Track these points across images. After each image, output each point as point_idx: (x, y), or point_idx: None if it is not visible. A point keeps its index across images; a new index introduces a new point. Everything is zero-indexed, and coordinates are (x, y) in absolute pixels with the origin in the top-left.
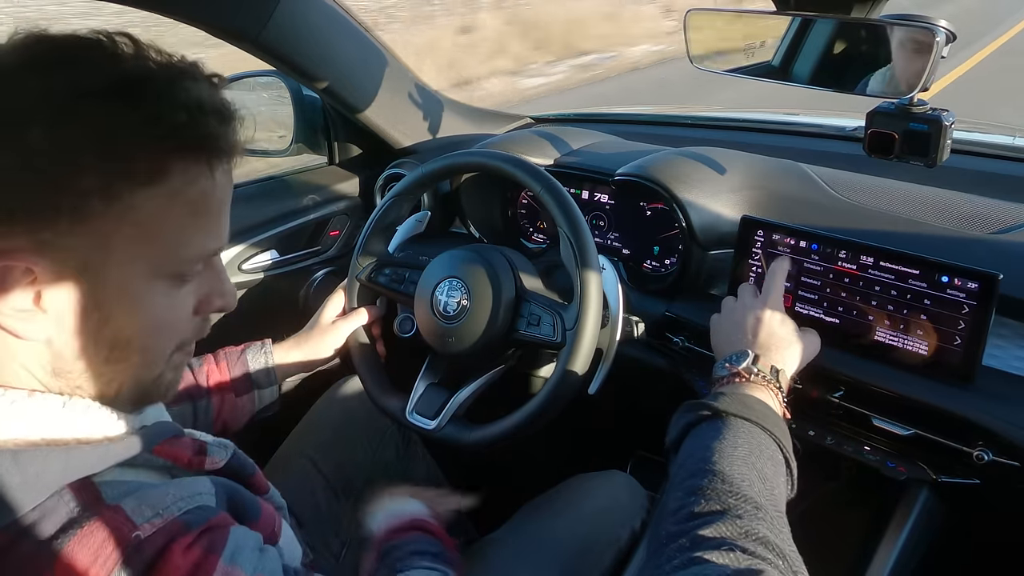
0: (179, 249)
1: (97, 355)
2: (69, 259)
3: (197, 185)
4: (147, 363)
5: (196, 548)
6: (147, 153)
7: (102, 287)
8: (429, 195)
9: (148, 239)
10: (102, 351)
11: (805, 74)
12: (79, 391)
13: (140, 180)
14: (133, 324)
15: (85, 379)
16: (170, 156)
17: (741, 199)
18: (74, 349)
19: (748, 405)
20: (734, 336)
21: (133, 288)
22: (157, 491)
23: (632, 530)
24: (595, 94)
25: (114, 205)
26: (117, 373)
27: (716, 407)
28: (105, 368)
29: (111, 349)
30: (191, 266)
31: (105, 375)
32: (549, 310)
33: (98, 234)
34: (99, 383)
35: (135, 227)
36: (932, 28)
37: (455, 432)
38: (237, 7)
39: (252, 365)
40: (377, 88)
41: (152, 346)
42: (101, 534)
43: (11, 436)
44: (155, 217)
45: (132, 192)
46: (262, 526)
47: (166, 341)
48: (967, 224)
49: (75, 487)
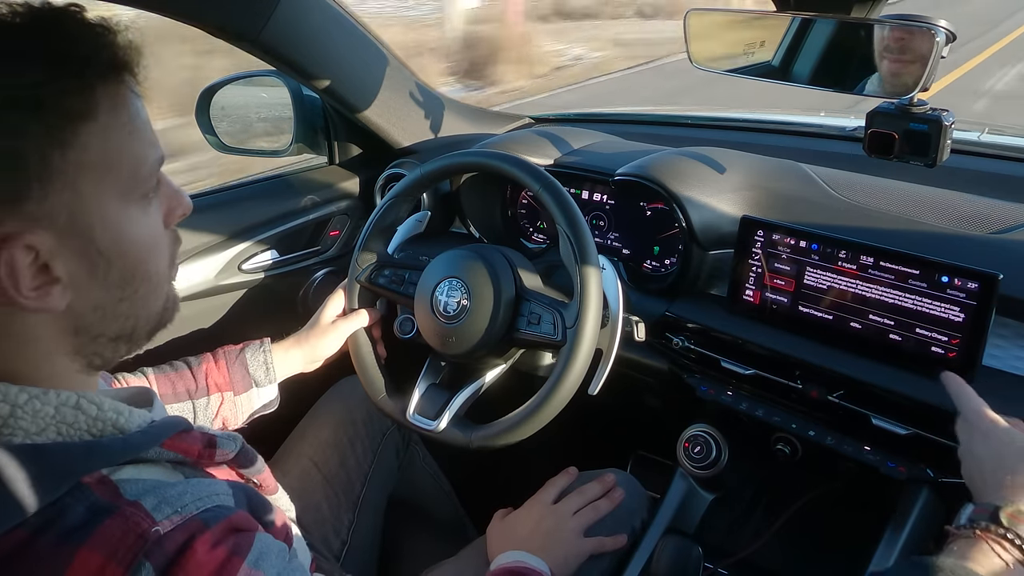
0: (136, 169)
1: (111, 298)
2: (56, 220)
3: (124, 104)
4: (153, 288)
5: (221, 548)
6: (73, 92)
7: (94, 233)
8: (429, 195)
9: (109, 170)
10: (115, 292)
11: (805, 74)
12: (99, 340)
13: (78, 119)
14: (131, 255)
15: (104, 325)
16: (93, 86)
17: (741, 199)
18: (92, 302)
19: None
20: (1006, 474)
21: (117, 222)
22: (176, 489)
23: (632, 530)
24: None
25: (68, 153)
26: (131, 309)
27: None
28: (119, 308)
29: (122, 288)
30: (149, 182)
31: (120, 315)
32: (549, 308)
33: (68, 186)
34: (116, 325)
35: (94, 165)
36: (932, 28)
37: (456, 432)
38: (237, 7)
39: (251, 364)
40: (377, 88)
41: (153, 270)
42: (121, 528)
43: (29, 431)
44: (106, 147)
45: (76, 134)
46: (276, 531)
47: (160, 260)
48: (967, 224)
49: (94, 483)
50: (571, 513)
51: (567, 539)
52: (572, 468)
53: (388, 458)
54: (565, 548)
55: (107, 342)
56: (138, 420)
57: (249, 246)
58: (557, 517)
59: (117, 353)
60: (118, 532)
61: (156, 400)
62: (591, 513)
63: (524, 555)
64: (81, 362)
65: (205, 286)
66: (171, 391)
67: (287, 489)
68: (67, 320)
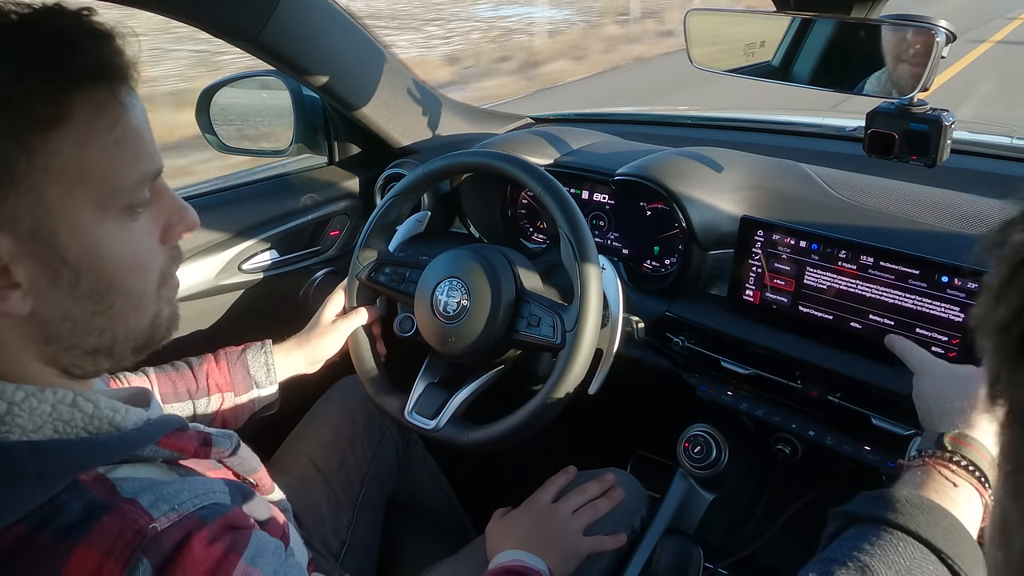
0: (115, 180)
1: (82, 311)
2: (18, 226)
3: (107, 113)
4: (134, 306)
5: (218, 545)
6: (43, 97)
7: (60, 241)
8: (429, 195)
9: (81, 180)
10: (86, 306)
11: (805, 74)
12: (74, 351)
13: (48, 125)
14: (105, 269)
15: (77, 337)
16: (68, 93)
17: (741, 199)
18: (59, 312)
19: (933, 520)
20: (947, 402)
21: (88, 233)
22: (172, 487)
23: (632, 529)
24: None
25: (35, 159)
26: (107, 324)
27: (887, 518)
28: (93, 322)
29: (94, 301)
30: (134, 195)
31: (95, 329)
32: (549, 311)
33: (33, 192)
34: (91, 338)
35: (63, 172)
36: (932, 28)
37: (454, 432)
38: (237, 7)
39: (252, 365)
40: (377, 87)
41: (132, 287)
42: (118, 525)
43: (26, 428)
44: (78, 156)
45: (45, 140)
46: (272, 529)
47: (144, 278)
48: (967, 224)
49: (91, 481)
50: (570, 512)
51: (566, 538)
52: (571, 467)
53: (387, 458)
54: (564, 547)
55: (84, 355)
56: (134, 418)
57: (249, 246)
58: (556, 516)
59: (99, 367)
60: (115, 529)
61: (153, 400)
62: (590, 512)
63: (523, 554)
64: (56, 370)
65: (205, 286)
66: (172, 390)
67: (286, 489)
68: (33, 327)
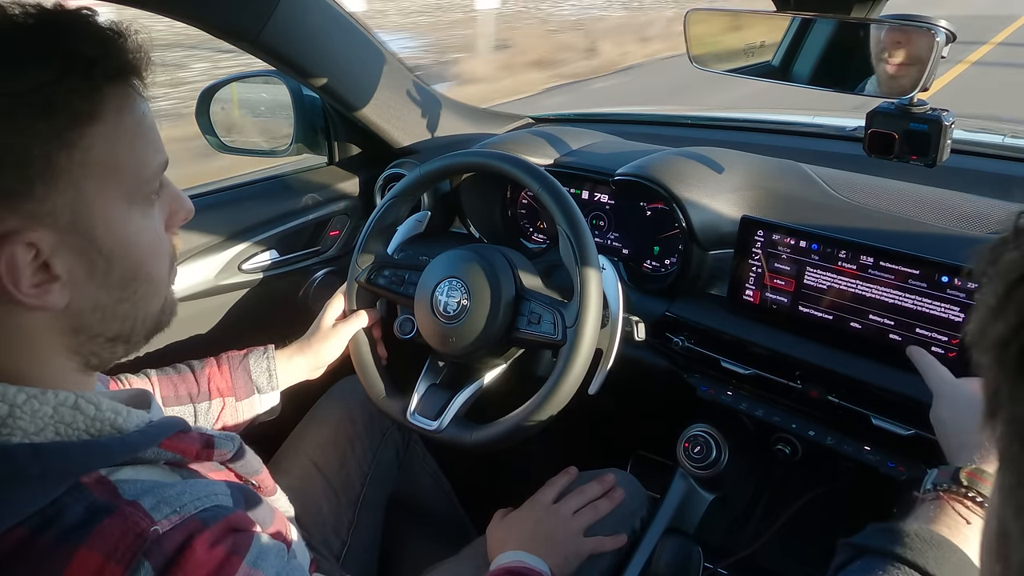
0: (140, 171)
1: (111, 299)
2: (58, 219)
3: (131, 107)
4: (154, 290)
5: (220, 547)
6: (81, 94)
7: (95, 233)
8: (429, 195)
9: (113, 172)
10: (115, 293)
11: (805, 74)
12: (97, 340)
13: (85, 121)
14: (133, 257)
15: (104, 326)
16: (101, 89)
17: (741, 199)
18: (91, 302)
19: (942, 556)
20: (965, 435)
21: (120, 223)
22: (174, 489)
23: (632, 529)
24: None
25: (74, 154)
26: (131, 311)
27: (896, 552)
28: (118, 309)
29: (122, 288)
30: (152, 184)
31: (120, 316)
32: (549, 308)
33: (72, 186)
34: (115, 325)
35: (98, 166)
36: (932, 28)
37: (456, 433)
38: (237, 7)
39: (254, 370)
40: (377, 88)
41: (154, 272)
42: (120, 528)
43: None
44: (111, 149)
45: (82, 135)
46: (274, 531)
47: (161, 263)
48: (967, 224)
49: (93, 483)
50: (571, 513)
51: (567, 539)
52: (572, 468)
53: (388, 458)
54: (565, 548)
55: (105, 342)
56: (136, 420)
57: (249, 246)
58: (557, 517)
59: (114, 354)
60: (117, 531)
61: (154, 402)
62: (591, 513)
63: (524, 555)
64: (78, 361)
65: (205, 286)
66: (173, 393)
67: (287, 489)
68: (66, 319)
